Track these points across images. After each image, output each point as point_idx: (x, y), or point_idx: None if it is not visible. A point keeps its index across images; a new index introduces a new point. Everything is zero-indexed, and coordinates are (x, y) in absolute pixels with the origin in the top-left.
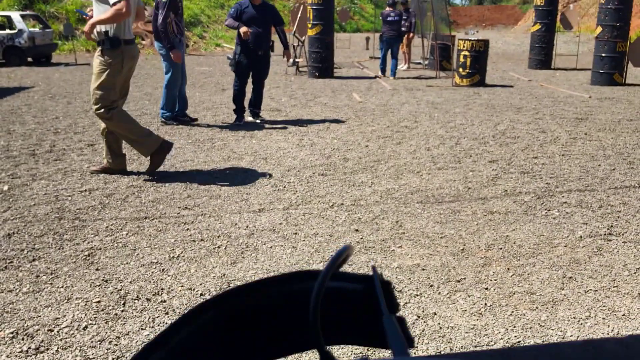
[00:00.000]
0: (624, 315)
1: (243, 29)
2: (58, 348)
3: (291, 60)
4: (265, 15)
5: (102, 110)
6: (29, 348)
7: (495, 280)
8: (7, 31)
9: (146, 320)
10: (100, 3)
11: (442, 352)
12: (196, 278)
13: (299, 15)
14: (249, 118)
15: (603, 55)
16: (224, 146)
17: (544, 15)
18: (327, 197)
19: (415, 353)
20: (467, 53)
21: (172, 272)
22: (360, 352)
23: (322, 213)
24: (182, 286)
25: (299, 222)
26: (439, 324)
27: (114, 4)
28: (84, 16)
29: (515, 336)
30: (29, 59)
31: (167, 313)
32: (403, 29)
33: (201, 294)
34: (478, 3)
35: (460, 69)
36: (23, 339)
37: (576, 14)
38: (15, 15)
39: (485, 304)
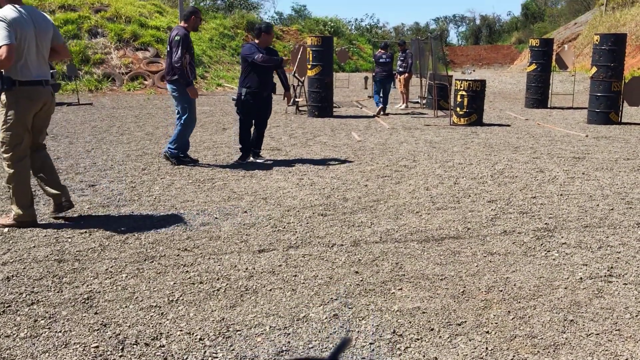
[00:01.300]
0: None
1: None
2: None
3: (291, 100)
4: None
5: (7, 153)
6: None
7: (496, 323)
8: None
9: None
10: None
11: None
12: (195, 322)
13: (299, 56)
14: (249, 158)
15: (598, 94)
16: (224, 186)
17: (540, 56)
18: (327, 237)
19: None
20: (464, 93)
21: (171, 315)
22: None
23: (322, 254)
24: (181, 330)
25: (298, 263)
26: None
27: None
28: None
29: None
30: None
31: (165, 358)
32: (400, 69)
33: (200, 339)
34: (474, 43)
35: (458, 109)
36: None
37: (571, 54)
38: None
39: (487, 348)
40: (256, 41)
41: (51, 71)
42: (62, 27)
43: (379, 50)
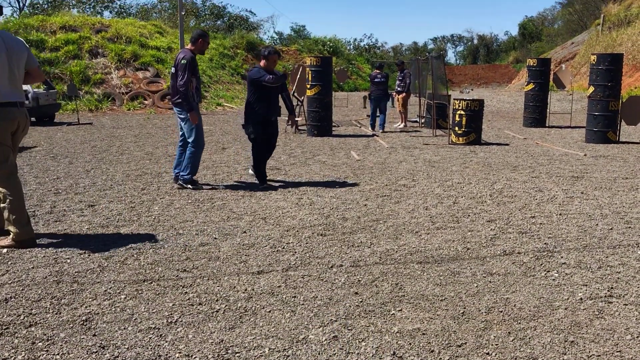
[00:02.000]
0: None
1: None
2: None
3: (296, 123)
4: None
5: None
6: None
7: (497, 344)
8: None
9: None
10: None
11: None
12: (194, 344)
13: (298, 76)
14: (251, 176)
15: (596, 113)
16: (224, 206)
17: (537, 75)
18: (326, 258)
19: None
20: (462, 112)
21: (170, 337)
22: None
23: (322, 275)
24: (180, 352)
25: (298, 284)
26: None
27: None
28: None
29: None
30: (33, 119)
31: None
32: (398, 88)
33: None
34: (472, 62)
35: (456, 128)
36: None
37: (568, 73)
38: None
39: None
40: (261, 64)
41: (51, 90)
42: (63, 48)
43: (375, 70)
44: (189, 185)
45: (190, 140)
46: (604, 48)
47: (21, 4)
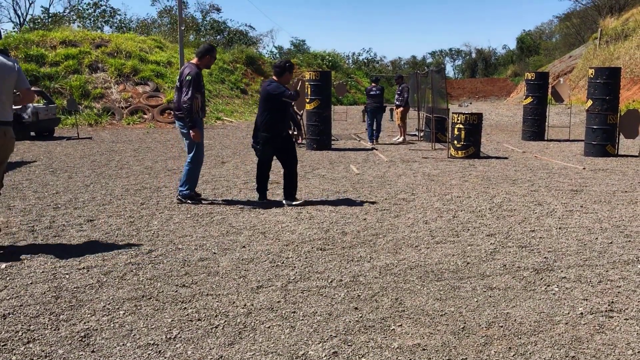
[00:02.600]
0: None
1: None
2: None
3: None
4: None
5: None
6: None
7: None
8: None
9: None
10: None
11: None
12: None
13: (297, 90)
14: (284, 201)
15: (595, 127)
16: (223, 220)
17: (535, 89)
18: (326, 273)
19: None
20: (461, 126)
21: (169, 354)
22: None
23: (321, 290)
24: None
25: (297, 299)
26: None
27: None
28: None
29: None
30: (32, 134)
31: None
32: (397, 102)
33: None
34: (471, 76)
35: (455, 141)
36: None
37: (567, 87)
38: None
39: None
40: (275, 78)
41: (50, 105)
42: (63, 62)
43: (371, 84)
44: (188, 200)
45: (189, 155)
46: (602, 62)
47: (22, 19)
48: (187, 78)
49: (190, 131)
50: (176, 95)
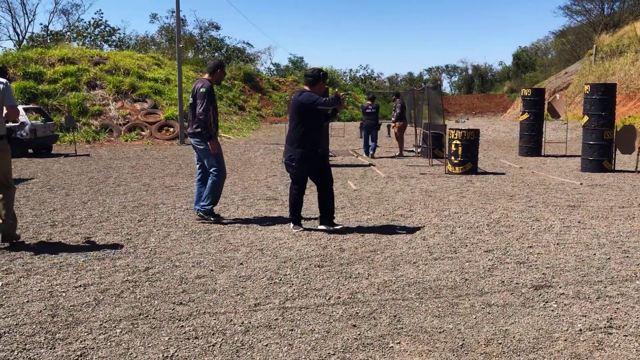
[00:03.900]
0: None
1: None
2: None
3: None
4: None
5: None
6: None
7: None
8: (10, 124)
9: None
10: None
11: None
12: None
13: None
14: (320, 227)
15: (591, 142)
16: (221, 237)
17: (532, 105)
18: (324, 290)
19: None
20: (458, 142)
21: None
22: None
23: (319, 307)
24: None
25: (295, 317)
26: None
27: None
28: None
29: None
30: (30, 151)
31: None
32: (393, 118)
33: None
34: (467, 92)
35: (453, 157)
36: None
37: (563, 103)
38: (19, 109)
39: None
40: (307, 88)
41: (48, 123)
42: (62, 80)
43: (367, 102)
44: (211, 217)
45: (212, 169)
46: (597, 77)
47: (21, 37)
48: (202, 91)
49: (208, 143)
50: (190, 113)
